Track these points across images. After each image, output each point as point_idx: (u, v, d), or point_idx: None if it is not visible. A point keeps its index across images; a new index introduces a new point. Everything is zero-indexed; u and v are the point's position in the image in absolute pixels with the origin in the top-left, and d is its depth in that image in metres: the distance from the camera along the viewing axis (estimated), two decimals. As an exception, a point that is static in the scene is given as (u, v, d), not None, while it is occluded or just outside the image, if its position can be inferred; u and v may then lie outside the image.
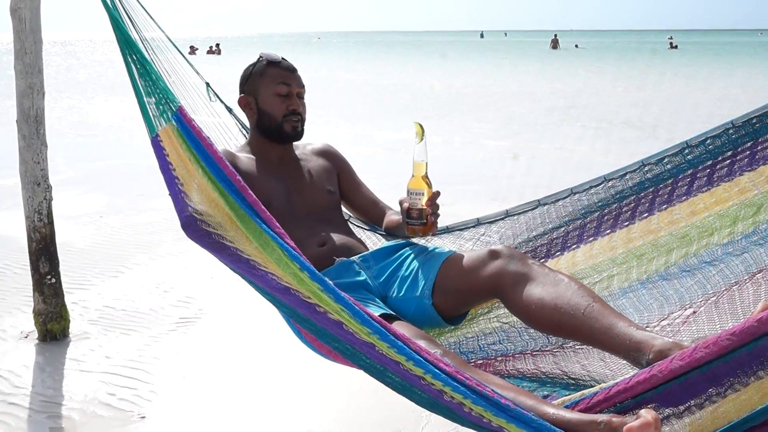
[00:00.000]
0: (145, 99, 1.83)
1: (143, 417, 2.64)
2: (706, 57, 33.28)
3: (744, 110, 1.93)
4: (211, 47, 38.15)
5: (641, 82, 18.78)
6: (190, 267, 4.28)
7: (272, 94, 2.29)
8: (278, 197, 2.25)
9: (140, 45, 1.90)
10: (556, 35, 46.73)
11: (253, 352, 3.22)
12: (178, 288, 3.97)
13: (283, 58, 2.36)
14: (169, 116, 1.78)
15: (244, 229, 1.71)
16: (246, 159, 2.31)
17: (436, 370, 1.50)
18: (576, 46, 48.32)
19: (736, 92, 15.22)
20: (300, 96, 2.34)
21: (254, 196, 1.74)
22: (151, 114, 1.82)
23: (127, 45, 1.86)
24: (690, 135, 2.01)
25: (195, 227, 1.77)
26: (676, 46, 42.95)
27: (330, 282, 1.60)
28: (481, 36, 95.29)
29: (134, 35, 1.91)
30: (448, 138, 9.27)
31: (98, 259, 4.44)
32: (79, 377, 2.95)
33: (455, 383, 1.48)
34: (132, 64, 1.85)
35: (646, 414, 1.35)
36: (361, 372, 1.73)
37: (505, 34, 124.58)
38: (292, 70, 2.34)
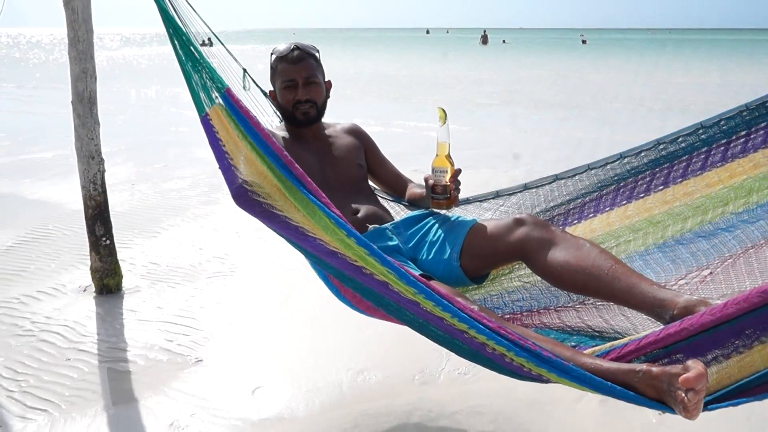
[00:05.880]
0: (194, 82, 1.67)
1: (200, 360, 2.51)
2: (612, 50, 33.57)
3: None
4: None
5: (563, 69, 18.80)
6: (218, 226, 4.10)
7: (281, 88, 2.13)
8: (313, 170, 2.09)
9: (189, 33, 1.72)
10: (485, 31, 45.71)
11: (287, 300, 3.08)
12: (211, 245, 3.79)
13: (294, 48, 2.11)
14: (218, 97, 1.64)
15: (293, 199, 1.57)
16: (282, 137, 2.16)
17: (480, 326, 1.39)
18: (503, 41, 47.66)
19: (640, 77, 15.34)
20: (309, 82, 2.11)
21: (301, 170, 1.59)
22: (201, 95, 1.66)
23: (176, 33, 1.69)
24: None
25: (246, 197, 1.61)
26: (585, 42, 43.19)
27: (375, 247, 1.47)
28: (427, 32, 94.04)
29: (181, 25, 1.73)
30: (407, 116, 9.10)
31: (137, 221, 4.21)
32: (138, 326, 2.79)
33: (499, 337, 1.37)
34: (181, 50, 1.69)
35: (696, 365, 1.23)
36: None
37: (447, 32, 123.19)
38: (296, 61, 2.10)
